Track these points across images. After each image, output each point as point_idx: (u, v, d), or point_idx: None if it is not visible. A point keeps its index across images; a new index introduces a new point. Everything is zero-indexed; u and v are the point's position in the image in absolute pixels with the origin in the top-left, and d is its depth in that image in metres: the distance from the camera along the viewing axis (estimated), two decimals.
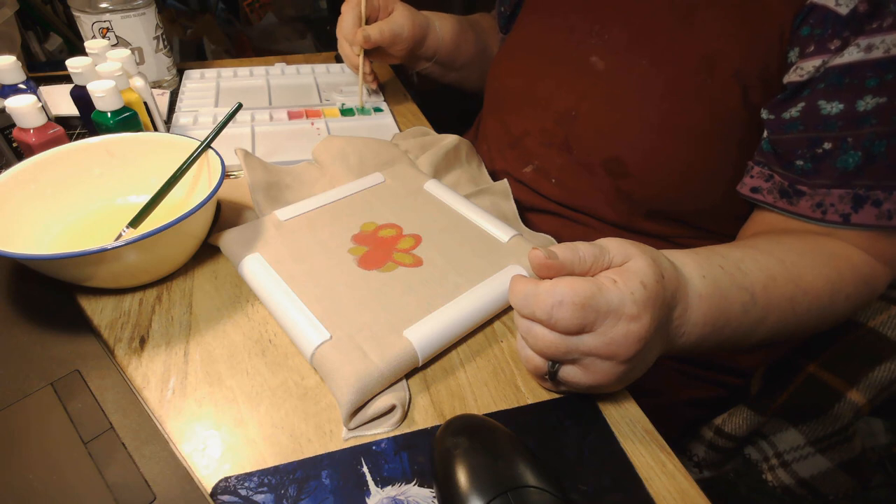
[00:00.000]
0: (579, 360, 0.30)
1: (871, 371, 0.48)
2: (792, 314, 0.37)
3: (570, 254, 0.30)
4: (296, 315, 0.36)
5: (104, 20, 0.62)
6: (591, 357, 0.29)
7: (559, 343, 0.29)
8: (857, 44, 0.36)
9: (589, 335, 0.29)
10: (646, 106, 0.46)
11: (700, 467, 0.59)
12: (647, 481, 0.30)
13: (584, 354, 0.29)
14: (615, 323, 0.28)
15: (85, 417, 0.30)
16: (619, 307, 0.28)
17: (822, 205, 0.40)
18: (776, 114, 0.41)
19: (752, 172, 0.44)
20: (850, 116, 0.37)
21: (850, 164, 0.38)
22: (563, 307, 0.28)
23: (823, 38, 0.37)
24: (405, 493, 0.29)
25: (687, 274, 0.33)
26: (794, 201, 0.41)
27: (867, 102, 0.36)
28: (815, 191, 0.40)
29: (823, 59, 0.38)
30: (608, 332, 0.28)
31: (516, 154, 0.58)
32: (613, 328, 0.28)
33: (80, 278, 0.37)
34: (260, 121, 0.63)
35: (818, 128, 0.39)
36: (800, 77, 0.39)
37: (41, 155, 0.42)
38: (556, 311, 0.28)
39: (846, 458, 0.51)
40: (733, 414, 0.55)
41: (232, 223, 0.45)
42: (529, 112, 0.56)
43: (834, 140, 0.38)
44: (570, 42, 0.52)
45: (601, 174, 0.50)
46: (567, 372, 0.31)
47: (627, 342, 0.28)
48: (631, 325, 0.28)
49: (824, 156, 0.39)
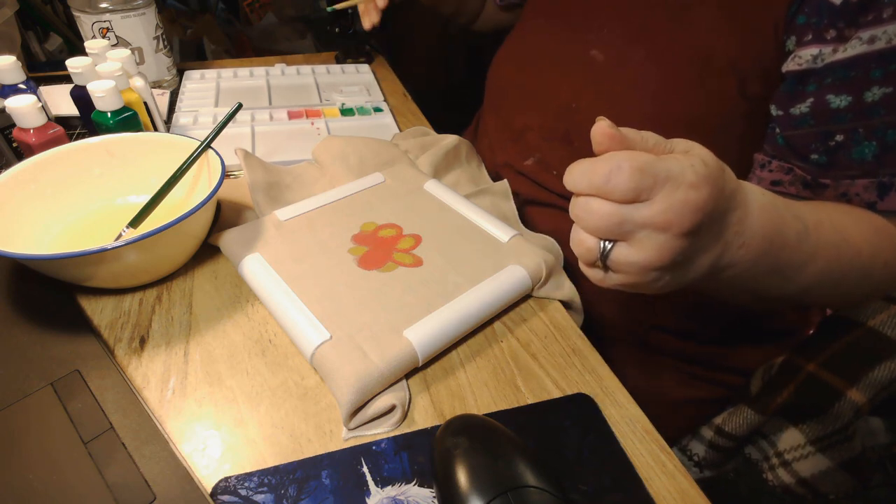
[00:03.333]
0: (633, 235, 0.29)
1: (871, 370, 0.48)
2: (837, 262, 0.36)
3: (633, 132, 0.29)
4: (296, 315, 0.36)
5: (104, 20, 0.62)
6: (647, 230, 0.28)
7: (614, 213, 0.28)
8: (858, 37, 0.37)
9: (645, 203, 0.28)
10: (642, 98, 0.47)
11: (700, 467, 0.59)
12: (647, 481, 0.30)
13: (639, 226, 0.28)
14: (674, 190, 0.27)
15: (85, 417, 0.30)
16: (679, 174, 0.27)
17: (847, 194, 0.40)
18: (785, 110, 0.41)
19: (770, 166, 0.44)
20: (859, 108, 0.38)
21: (868, 154, 0.38)
22: (621, 171, 0.27)
23: (819, 27, 0.38)
24: (405, 493, 0.29)
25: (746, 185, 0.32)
26: (818, 192, 0.42)
27: (874, 93, 0.37)
28: (839, 182, 0.40)
29: (821, 49, 0.38)
30: (666, 198, 0.27)
31: (518, 148, 0.58)
32: (672, 195, 0.27)
33: (80, 278, 0.37)
34: (260, 121, 0.63)
35: (829, 121, 0.39)
36: (798, 66, 0.39)
37: (41, 155, 0.42)
38: (613, 175, 0.27)
39: (846, 458, 0.51)
40: (733, 413, 0.55)
41: (232, 223, 0.45)
42: (530, 107, 0.56)
43: (845, 132, 0.39)
44: (569, 38, 0.53)
45: None
46: (619, 252, 0.30)
47: (685, 210, 0.27)
48: (690, 193, 0.27)
49: (837, 148, 0.39)
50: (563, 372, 0.36)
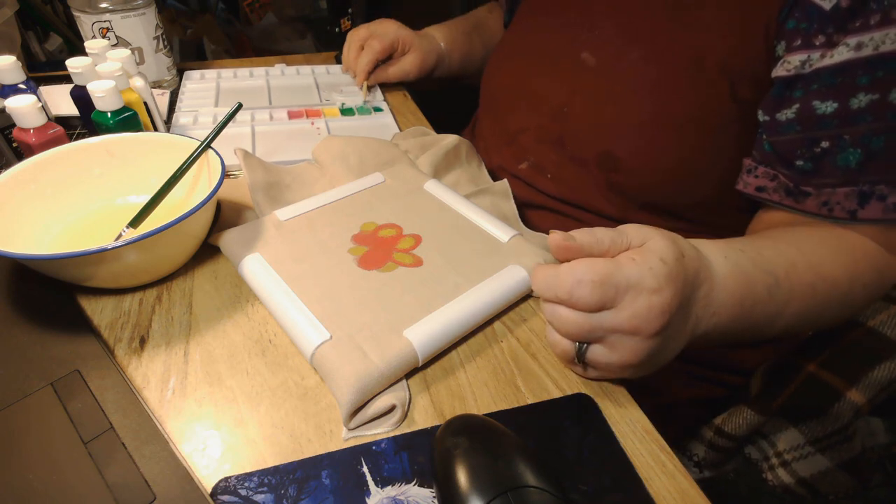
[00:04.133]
0: (605, 339, 0.30)
1: (871, 370, 0.48)
2: (813, 300, 0.37)
3: (587, 237, 0.30)
4: (296, 315, 0.36)
5: (104, 20, 0.62)
6: (617, 334, 0.29)
7: (582, 322, 0.29)
8: (846, 43, 0.36)
9: (611, 311, 0.29)
10: (636, 100, 0.47)
11: (700, 467, 0.59)
12: (647, 481, 0.30)
13: (609, 332, 0.29)
14: (636, 297, 0.28)
15: (85, 417, 0.30)
16: (639, 281, 0.28)
17: (829, 203, 0.40)
18: (771, 115, 0.41)
19: (756, 172, 0.44)
20: (845, 114, 0.37)
21: (852, 161, 0.38)
22: (582, 285, 0.28)
23: (809, 33, 0.38)
24: (405, 493, 0.29)
25: (708, 255, 0.33)
26: (800, 199, 0.42)
27: (860, 100, 0.37)
28: (821, 191, 0.40)
29: (809, 55, 0.38)
30: (630, 306, 0.28)
31: (512, 151, 0.58)
32: (635, 302, 0.28)
33: (80, 278, 0.37)
34: (260, 120, 0.63)
35: (814, 128, 0.39)
36: (787, 72, 0.39)
37: (41, 155, 0.42)
38: (575, 289, 0.28)
39: (846, 458, 0.51)
40: (733, 414, 0.55)
41: (232, 223, 0.45)
42: (524, 110, 0.56)
43: (831, 138, 0.39)
44: (562, 39, 0.53)
45: (593, 169, 0.51)
46: (595, 352, 0.31)
47: (651, 315, 0.28)
48: (653, 298, 0.28)
49: (823, 154, 0.39)
50: (563, 372, 0.36)
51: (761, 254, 0.35)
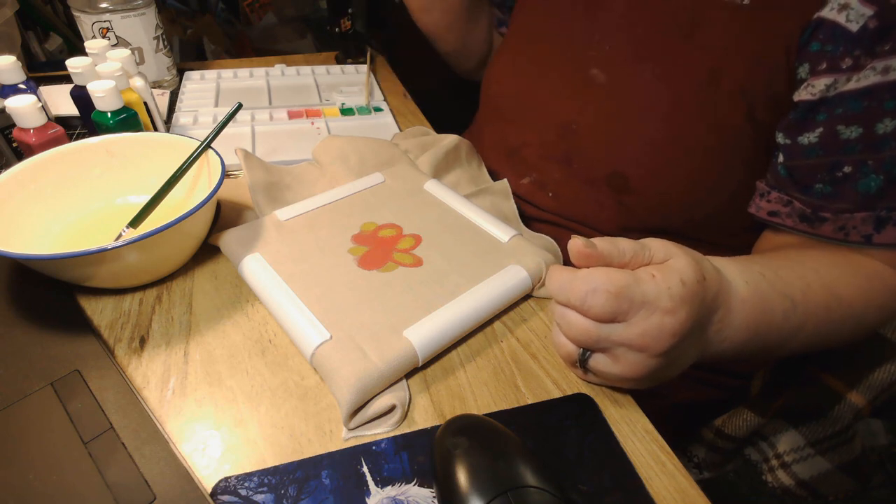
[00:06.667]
0: (610, 350, 0.30)
1: (872, 372, 0.48)
2: (828, 322, 0.37)
3: (609, 245, 0.30)
4: (296, 315, 0.36)
5: (104, 20, 0.62)
6: (623, 347, 0.29)
7: (591, 330, 0.29)
8: (873, 67, 0.35)
9: (622, 325, 0.29)
10: (650, 121, 0.45)
11: (700, 468, 0.59)
12: (647, 481, 0.30)
13: (616, 344, 0.29)
14: (649, 315, 0.28)
15: (85, 417, 0.30)
16: (655, 300, 0.28)
17: (845, 228, 0.40)
18: (792, 138, 0.40)
19: (769, 197, 0.43)
20: (870, 140, 0.37)
21: (872, 187, 0.38)
22: (596, 294, 0.28)
23: (835, 56, 0.37)
24: (405, 493, 0.29)
25: (730, 277, 0.32)
26: (816, 225, 0.41)
27: (886, 125, 0.36)
28: (838, 216, 0.40)
29: (835, 79, 0.37)
30: (641, 323, 0.28)
31: (513, 164, 0.57)
32: (647, 320, 0.28)
33: (80, 278, 0.37)
34: (260, 120, 0.63)
35: (838, 152, 0.38)
36: (811, 95, 0.38)
37: (41, 155, 0.42)
38: (589, 297, 0.28)
39: (846, 460, 0.51)
40: (734, 415, 0.55)
41: (232, 223, 0.45)
42: (527, 121, 0.55)
43: (854, 163, 0.38)
44: (568, 50, 0.51)
45: (603, 189, 0.49)
46: (598, 361, 0.31)
47: (661, 335, 0.28)
48: (665, 319, 0.28)
49: (844, 179, 0.39)
50: (564, 372, 0.36)
51: (778, 274, 0.35)
